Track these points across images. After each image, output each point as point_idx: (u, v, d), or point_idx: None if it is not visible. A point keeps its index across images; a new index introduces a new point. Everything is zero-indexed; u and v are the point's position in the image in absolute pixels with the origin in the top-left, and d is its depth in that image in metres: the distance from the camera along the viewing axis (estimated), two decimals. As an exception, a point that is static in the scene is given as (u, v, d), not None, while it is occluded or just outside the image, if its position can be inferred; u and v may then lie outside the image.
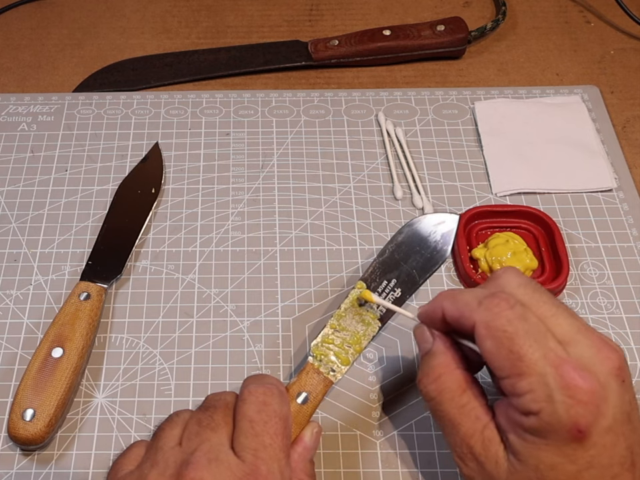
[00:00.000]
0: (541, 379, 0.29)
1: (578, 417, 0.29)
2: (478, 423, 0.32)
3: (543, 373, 0.29)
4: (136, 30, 0.65)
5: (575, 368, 0.29)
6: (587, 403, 0.29)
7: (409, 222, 0.44)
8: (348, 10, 0.67)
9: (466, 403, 0.33)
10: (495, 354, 0.31)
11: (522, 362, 0.30)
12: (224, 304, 0.46)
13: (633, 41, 0.63)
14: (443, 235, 0.43)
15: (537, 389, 0.29)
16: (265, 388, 0.33)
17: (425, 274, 0.42)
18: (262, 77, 0.61)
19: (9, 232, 0.50)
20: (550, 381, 0.29)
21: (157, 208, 0.51)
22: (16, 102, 0.58)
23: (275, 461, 0.31)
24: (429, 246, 0.43)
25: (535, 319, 0.31)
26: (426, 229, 0.43)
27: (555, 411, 0.29)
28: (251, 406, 0.33)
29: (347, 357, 0.39)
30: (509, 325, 0.30)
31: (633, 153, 0.55)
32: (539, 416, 0.29)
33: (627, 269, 0.48)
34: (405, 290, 0.41)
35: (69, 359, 0.41)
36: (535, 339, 0.30)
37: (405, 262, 0.42)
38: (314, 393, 0.37)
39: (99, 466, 0.40)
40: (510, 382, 0.30)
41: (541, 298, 0.32)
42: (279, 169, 0.53)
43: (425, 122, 0.56)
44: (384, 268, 0.42)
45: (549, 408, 0.29)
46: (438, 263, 0.42)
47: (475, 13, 0.66)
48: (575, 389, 0.29)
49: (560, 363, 0.29)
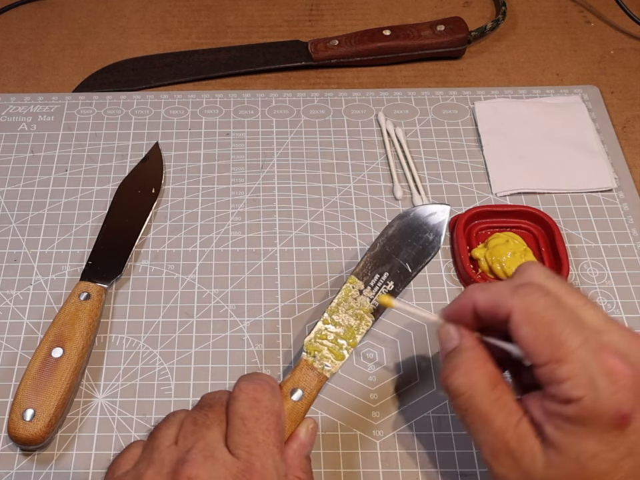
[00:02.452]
0: (582, 365, 0.29)
1: (621, 402, 0.28)
2: (512, 417, 0.31)
3: (584, 359, 0.29)
4: (136, 30, 0.65)
5: (615, 354, 0.29)
6: (630, 388, 0.29)
7: (400, 214, 0.43)
8: (348, 10, 0.67)
9: (498, 397, 0.32)
10: (534, 340, 0.30)
11: (562, 348, 0.29)
12: (224, 304, 0.46)
13: (633, 41, 0.63)
14: (434, 226, 0.42)
15: (579, 374, 0.29)
16: (256, 384, 0.33)
17: (418, 266, 0.41)
18: (262, 76, 0.61)
19: (9, 232, 0.50)
20: (592, 367, 0.29)
21: (157, 208, 0.51)
22: (16, 102, 0.58)
23: (269, 456, 0.31)
24: (420, 237, 0.42)
25: (569, 307, 0.31)
26: (417, 221, 0.42)
27: (598, 397, 0.28)
28: (242, 403, 0.33)
29: (340, 351, 0.39)
30: (547, 311, 0.30)
31: (633, 152, 0.55)
32: (580, 403, 0.29)
33: (627, 269, 0.48)
34: (397, 283, 0.41)
35: (69, 359, 0.41)
36: (574, 325, 0.30)
37: (396, 255, 0.42)
38: (308, 389, 0.37)
39: (99, 466, 0.40)
40: (549, 368, 0.30)
41: (569, 289, 0.32)
42: (279, 169, 0.53)
43: (424, 122, 0.56)
44: (375, 262, 0.42)
45: (591, 394, 0.29)
46: (430, 254, 0.42)
47: (475, 13, 0.66)
48: (617, 375, 0.29)
49: (600, 349, 0.29)
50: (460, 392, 0.33)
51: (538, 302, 0.31)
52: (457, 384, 0.33)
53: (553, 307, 0.30)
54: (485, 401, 0.32)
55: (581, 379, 0.29)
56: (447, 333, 0.35)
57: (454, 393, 0.33)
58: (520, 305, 0.31)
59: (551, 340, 0.30)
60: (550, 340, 0.30)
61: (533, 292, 0.31)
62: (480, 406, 0.32)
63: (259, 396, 0.33)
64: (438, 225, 0.42)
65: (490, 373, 0.33)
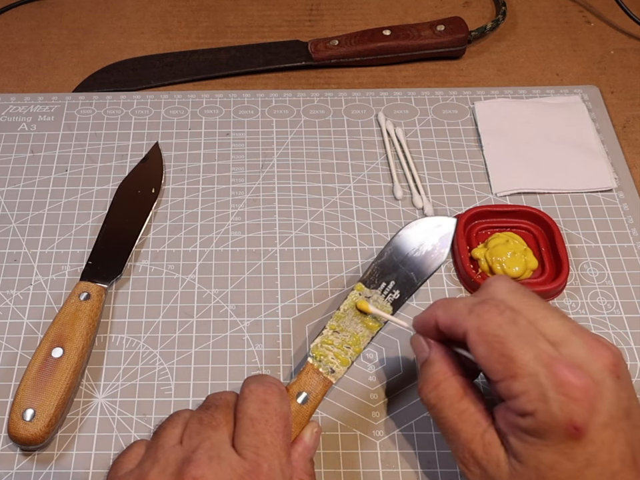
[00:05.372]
0: (533, 379, 0.29)
1: (572, 414, 0.29)
2: (478, 427, 0.33)
3: (535, 373, 0.29)
4: (136, 30, 0.65)
5: (567, 366, 0.29)
6: (581, 399, 0.29)
7: (407, 225, 0.44)
8: (348, 10, 0.67)
9: (465, 409, 0.33)
10: (487, 358, 0.31)
11: (514, 364, 0.30)
12: (224, 304, 0.46)
13: (633, 40, 0.63)
14: (440, 238, 0.43)
15: (530, 389, 0.29)
16: (266, 387, 0.34)
17: (423, 276, 0.42)
18: (262, 76, 0.61)
19: (9, 232, 0.50)
20: (543, 380, 0.29)
21: (157, 208, 0.51)
22: (16, 102, 0.58)
23: (276, 458, 0.31)
24: (426, 249, 0.43)
25: (525, 322, 0.31)
26: (423, 232, 0.43)
27: (550, 410, 0.29)
28: (252, 404, 0.33)
29: (346, 357, 0.39)
30: (499, 329, 0.31)
31: (633, 153, 0.55)
32: (534, 416, 0.29)
33: (627, 269, 0.48)
34: (403, 292, 0.42)
35: (69, 359, 0.41)
36: (526, 341, 0.30)
37: (403, 264, 0.42)
38: (313, 393, 0.38)
39: (99, 466, 0.40)
40: (504, 385, 0.31)
41: (531, 302, 0.32)
42: (279, 169, 0.53)
43: (425, 122, 0.56)
44: (382, 270, 0.42)
45: (543, 407, 0.29)
46: (436, 266, 0.42)
47: (475, 13, 0.66)
48: (568, 386, 0.29)
49: (552, 362, 0.29)
50: (431, 405, 0.34)
51: (491, 321, 0.31)
52: (427, 398, 0.34)
53: (507, 324, 0.31)
54: (452, 412, 0.33)
55: (533, 393, 0.29)
56: (418, 344, 0.36)
57: (426, 405, 0.35)
58: (474, 325, 0.32)
59: (502, 357, 0.30)
60: (502, 357, 0.30)
61: (487, 310, 0.32)
62: (448, 417, 0.33)
63: (269, 398, 0.33)
64: (444, 237, 0.43)
65: (457, 386, 0.34)
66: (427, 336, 0.36)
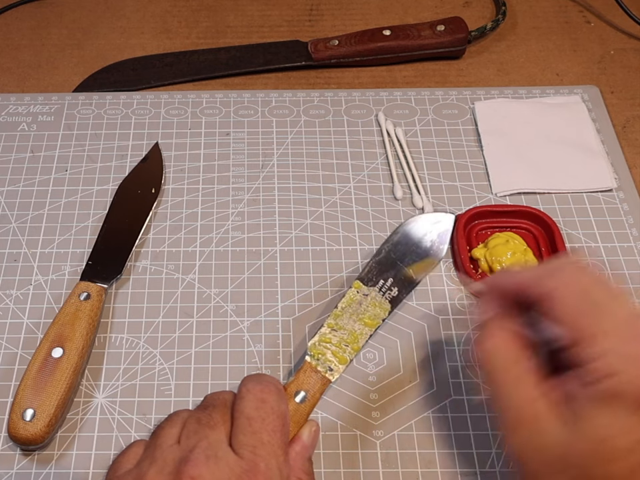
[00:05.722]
0: (621, 342, 0.29)
1: None
2: (535, 391, 0.32)
3: (625, 336, 0.29)
4: (136, 30, 0.65)
5: None
6: None
7: (405, 221, 0.44)
8: (348, 10, 0.67)
9: (524, 371, 0.33)
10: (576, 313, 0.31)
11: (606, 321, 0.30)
12: (224, 304, 0.46)
13: (633, 40, 0.63)
14: (439, 235, 0.43)
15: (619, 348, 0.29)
16: (263, 386, 0.33)
17: (422, 272, 0.42)
18: (262, 76, 0.61)
19: (9, 232, 0.50)
20: (630, 347, 0.29)
21: (157, 208, 0.51)
22: (16, 102, 0.58)
23: (273, 457, 0.31)
24: (425, 245, 0.43)
25: (610, 286, 0.31)
26: (422, 229, 0.43)
27: (629, 378, 0.29)
28: (249, 403, 0.33)
29: (344, 355, 0.39)
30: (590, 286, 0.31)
31: (633, 152, 0.55)
32: (618, 376, 0.29)
33: (627, 269, 0.48)
34: (401, 289, 0.42)
35: (69, 359, 0.41)
36: (618, 303, 0.30)
37: (401, 261, 0.42)
38: (312, 392, 0.37)
39: (99, 466, 0.40)
40: (585, 344, 0.30)
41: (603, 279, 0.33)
42: (279, 169, 0.53)
43: (424, 122, 0.56)
44: (380, 267, 0.42)
45: (629, 369, 0.29)
46: (434, 262, 0.42)
47: (475, 13, 0.66)
48: None
49: (638, 331, 0.29)
50: (488, 360, 0.34)
51: (580, 279, 0.32)
52: (486, 352, 0.34)
53: (596, 284, 0.31)
54: (510, 371, 0.33)
55: (616, 358, 0.29)
56: (486, 302, 0.36)
57: (481, 361, 0.34)
58: (562, 281, 0.32)
59: (594, 312, 0.30)
60: (593, 312, 0.30)
61: (576, 270, 0.32)
62: (504, 375, 0.33)
63: (266, 397, 0.33)
64: (443, 233, 0.43)
65: (516, 349, 0.33)
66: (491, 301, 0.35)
